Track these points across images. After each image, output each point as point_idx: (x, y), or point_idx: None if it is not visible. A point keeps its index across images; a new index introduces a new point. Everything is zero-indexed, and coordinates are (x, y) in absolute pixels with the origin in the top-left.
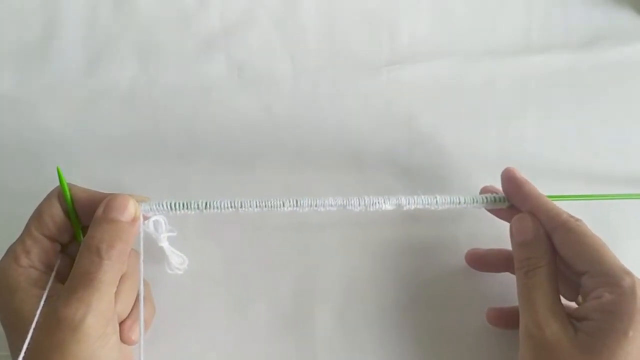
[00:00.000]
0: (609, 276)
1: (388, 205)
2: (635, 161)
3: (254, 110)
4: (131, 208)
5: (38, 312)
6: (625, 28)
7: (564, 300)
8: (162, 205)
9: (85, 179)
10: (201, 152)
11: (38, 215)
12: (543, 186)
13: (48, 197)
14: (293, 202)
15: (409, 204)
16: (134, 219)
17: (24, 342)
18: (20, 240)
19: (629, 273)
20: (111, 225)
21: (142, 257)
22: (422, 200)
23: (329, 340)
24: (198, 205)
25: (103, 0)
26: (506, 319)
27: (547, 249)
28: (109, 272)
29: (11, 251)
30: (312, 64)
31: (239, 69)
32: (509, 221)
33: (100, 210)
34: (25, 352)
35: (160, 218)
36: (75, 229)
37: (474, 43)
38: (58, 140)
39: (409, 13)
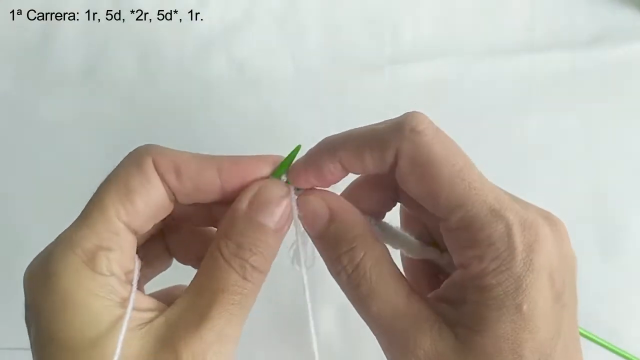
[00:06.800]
0: (471, 227)
1: None
2: (638, 159)
3: (254, 110)
4: (286, 208)
5: (119, 345)
6: (628, 27)
7: None
8: None
9: (85, 179)
10: (200, 151)
11: (127, 195)
12: (545, 184)
13: (139, 170)
14: None
15: None
16: (287, 226)
17: None
18: (93, 231)
19: (499, 213)
20: (259, 234)
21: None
22: None
23: (330, 342)
24: None
25: (102, 0)
26: None
27: (358, 221)
28: (250, 301)
29: (78, 247)
30: (313, 63)
31: (239, 68)
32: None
33: (243, 204)
34: None
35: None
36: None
37: (476, 42)
38: (58, 141)
39: (412, 12)
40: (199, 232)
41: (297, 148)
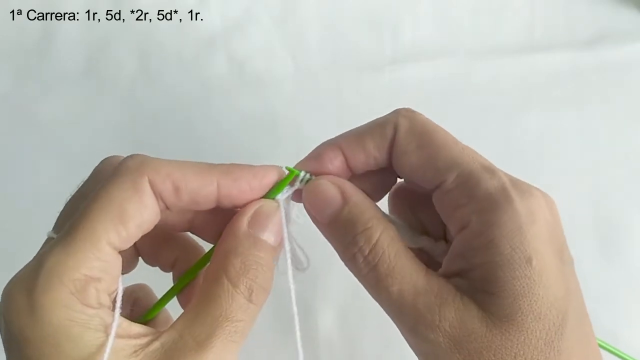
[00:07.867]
0: (467, 183)
1: None
2: (638, 159)
3: (254, 110)
4: (281, 224)
5: None
6: (628, 27)
7: None
8: None
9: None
10: (201, 151)
11: (121, 221)
12: (545, 184)
13: (136, 193)
14: None
15: None
16: (281, 242)
17: None
18: (82, 260)
19: (492, 170)
20: (262, 252)
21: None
22: None
23: (330, 340)
24: None
25: (102, 0)
26: None
27: (371, 203)
28: (250, 327)
29: (65, 276)
30: (314, 63)
31: (239, 68)
32: None
33: (243, 222)
34: None
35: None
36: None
37: (476, 42)
38: (58, 141)
39: (412, 12)
40: (171, 236)
41: (294, 173)
